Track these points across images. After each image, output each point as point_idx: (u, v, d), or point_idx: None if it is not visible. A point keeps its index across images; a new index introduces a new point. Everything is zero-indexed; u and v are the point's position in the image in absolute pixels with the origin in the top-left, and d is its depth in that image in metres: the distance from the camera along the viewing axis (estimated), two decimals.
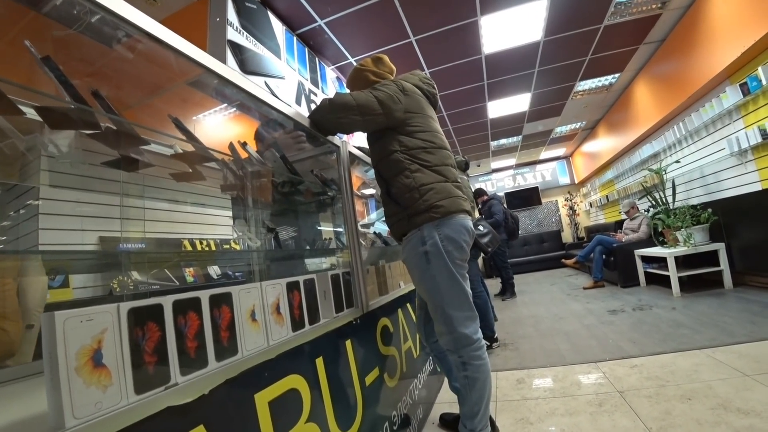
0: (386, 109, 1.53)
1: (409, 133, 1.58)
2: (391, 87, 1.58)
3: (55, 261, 2.31)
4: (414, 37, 4.12)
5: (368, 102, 1.50)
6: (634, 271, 5.30)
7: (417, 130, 1.60)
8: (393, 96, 1.55)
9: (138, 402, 0.64)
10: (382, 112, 1.53)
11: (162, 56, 0.99)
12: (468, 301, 1.56)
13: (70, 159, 0.89)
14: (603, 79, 6.07)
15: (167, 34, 0.92)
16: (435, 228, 1.51)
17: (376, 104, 1.51)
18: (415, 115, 1.61)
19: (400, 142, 1.57)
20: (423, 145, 1.59)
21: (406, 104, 1.59)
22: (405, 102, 1.59)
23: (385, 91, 1.55)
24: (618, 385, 2.22)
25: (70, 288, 2.72)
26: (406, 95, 1.61)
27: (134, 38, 0.99)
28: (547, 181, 11.29)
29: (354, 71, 1.80)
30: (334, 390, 1.18)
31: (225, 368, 0.81)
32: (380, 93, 1.54)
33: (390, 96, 1.54)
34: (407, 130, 1.58)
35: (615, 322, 3.63)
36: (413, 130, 1.59)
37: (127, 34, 1.17)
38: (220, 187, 1.42)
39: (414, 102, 1.63)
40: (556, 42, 4.67)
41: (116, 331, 0.63)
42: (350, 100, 1.49)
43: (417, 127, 1.60)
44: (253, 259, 1.55)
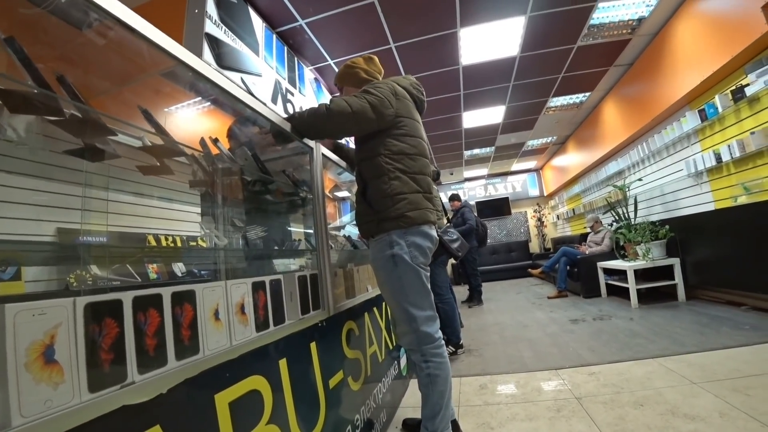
0: (378, 114, 1.56)
1: (396, 136, 1.62)
2: (383, 90, 1.60)
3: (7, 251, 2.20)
4: (394, 43, 4.16)
5: (363, 109, 1.52)
6: (597, 282, 5.50)
7: (404, 133, 1.64)
8: (385, 99, 1.58)
9: (91, 400, 0.61)
10: (375, 118, 1.55)
11: (135, 44, 0.97)
12: (430, 302, 1.65)
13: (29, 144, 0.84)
14: (574, 97, 6.29)
15: (139, 21, 0.89)
16: (403, 235, 1.57)
17: (370, 110, 1.53)
18: (403, 119, 1.65)
19: (386, 145, 1.60)
20: (407, 150, 1.63)
21: (397, 108, 1.62)
22: (396, 105, 1.62)
23: (376, 95, 1.57)
24: (576, 392, 2.29)
25: (22, 281, 2.58)
26: (398, 99, 1.64)
27: (106, 23, 0.96)
28: (517, 192, 11.56)
29: (345, 68, 1.82)
30: (297, 392, 1.17)
31: (185, 367, 0.79)
32: (373, 98, 1.55)
33: (382, 100, 1.57)
34: (395, 133, 1.62)
35: (576, 330, 3.75)
36: (400, 133, 1.63)
37: (98, 19, 1.13)
38: (188, 182, 1.39)
39: (404, 106, 1.67)
40: (531, 58, 4.81)
41: (71, 327, 0.61)
42: (346, 106, 1.50)
43: (404, 130, 1.64)
44: (220, 258, 1.52)
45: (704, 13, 3.75)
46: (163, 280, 3.20)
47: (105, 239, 2.94)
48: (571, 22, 4.15)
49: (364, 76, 1.78)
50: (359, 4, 3.47)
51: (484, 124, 7.03)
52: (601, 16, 4.11)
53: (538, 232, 11.16)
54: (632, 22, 4.29)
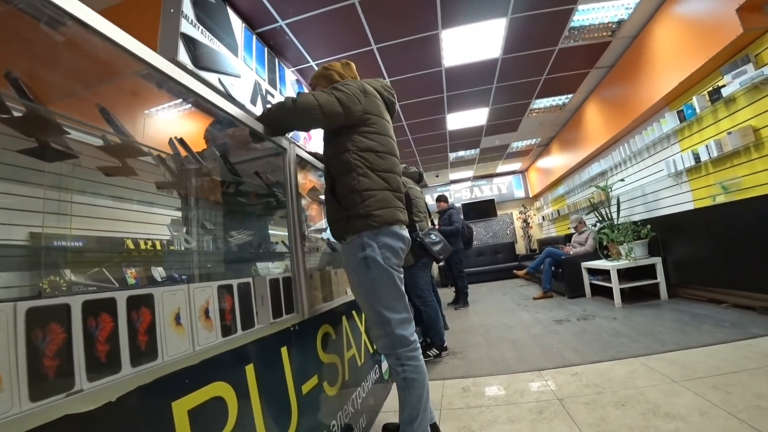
0: (346, 109, 1.56)
1: (364, 133, 1.63)
2: (351, 87, 1.62)
3: None
4: (376, 45, 4.15)
5: (329, 102, 1.52)
6: (581, 282, 5.55)
7: (372, 131, 1.64)
8: (353, 96, 1.59)
9: (32, 410, 0.58)
10: (342, 113, 1.56)
11: (97, 48, 0.94)
12: (405, 304, 1.64)
13: None
14: (557, 99, 6.36)
15: (101, 22, 0.87)
16: (374, 236, 1.56)
17: (337, 104, 1.54)
18: (372, 116, 1.66)
19: (353, 141, 1.60)
20: (375, 147, 1.63)
21: (365, 105, 1.63)
22: (364, 103, 1.63)
23: (345, 91, 1.58)
24: (558, 393, 2.30)
25: None
26: (366, 97, 1.65)
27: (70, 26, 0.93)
28: (503, 194, 11.65)
29: (321, 69, 1.84)
30: (266, 398, 1.14)
31: (140, 374, 0.76)
32: (341, 94, 1.57)
33: (350, 96, 1.58)
34: (363, 130, 1.63)
35: (560, 331, 3.77)
36: (369, 131, 1.64)
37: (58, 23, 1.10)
38: (155, 183, 1.35)
39: (373, 104, 1.68)
40: (513, 60, 4.85)
41: (10, 333, 0.57)
42: (312, 100, 1.50)
43: (372, 128, 1.65)
44: (193, 261, 1.48)
45: (682, 15, 3.82)
46: (141, 285, 3.13)
47: (80, 243, 2.86)
48: (551, 24, 4.19)
49: (337, 78, 1.80)
50: (340, 4, 3.46)
51: (469, 126, 7.06)
52: (582, 19, 4.16)
53: (524, 234, 11.25)
54: (612, 25, 4.35)
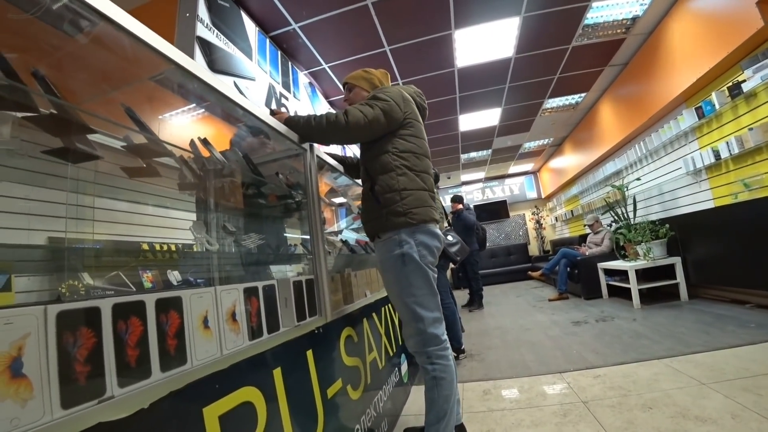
0: (390, 119, 1.62)
1: (404, 136, 1.68)
2: (392, 94, 1.67)
3: None
4: (388, 46, 4.13)
5: (376, 117, 1.58)
6: (597, 283, 5.46)
7: (411, 134, 1.70)
8: (395, 105, 1.64)
9: (64, 417, 0.56)
10: (386, 123, 1.62)
11: (125, 47, 0.93)
12: (437, 303, 1.65)
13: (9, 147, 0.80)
14: (570, 98, 6.28)
15: (131, 21, 0.86)
16: (411, 234, 1.59)
17: (382, 116, 1.60)
18: (411, 120, 1.71)
19: (393, 143, 1.66)
20: (414, 149, 1.68)
21: (405, 110, 1.69)
22: (404, 108, 1.69)
23: (387, 101, 1.63)
24: (582, 396, 2.24)
25: (13, 292, 2.52)
26: (406, 102, 1.71)
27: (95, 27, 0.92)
28: (515, 195, 11.54)
29: (361, 71, 1.90)
30: (293, 403, 1.11)
31: (170, 379, 0.74)
32: (384, 104, 1.62)
33: (392, 106, 1.63)
34: (403, 133, 1.68)
35: (579, 333, 3.70)
36: (408, 134, 1.69)
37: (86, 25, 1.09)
38: (177, 185, 1.34)
39: (411, 109, 1.74)
40: (526, 59, 4.80)
41: (41, 337, 0.56)
42: (362, 117, 1.55)
43: (411, 131, 1.70)
44: (213, 264, 1.47)
45: (699, 10, 3.74)
46: (158, 289, 3.13)
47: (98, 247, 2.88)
48: (565, 22, 4.14)
49: (377, 84, 1.87)
50: (353, 6, 3.45)
51: (481, 126, 7.01)
52: (595, 16, 4.10)
53: (537, 235, 11.13)
54: (626, 22, 4.28)
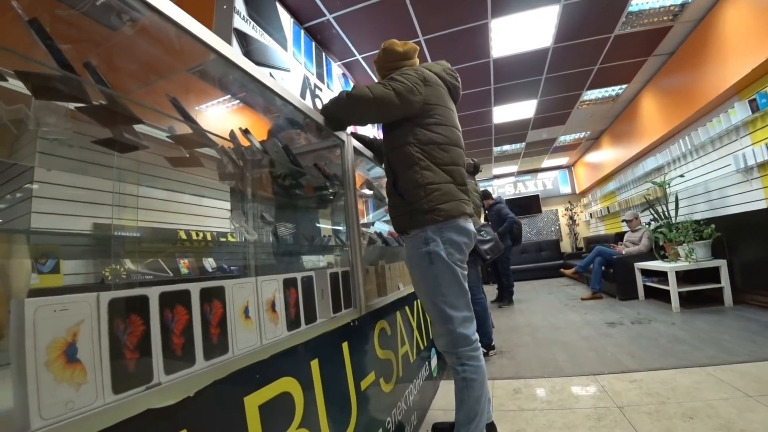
0: (403, 101, 1.49)
1: (426, 125, 1.55)
2: (410, 77, 1.53)
3: (47, 245, 2.24)
4: (423, 36, 4.07)
5: (385, 95, 1.46)
6: (633, 284, 5.25)
7: (434, 122, 1.56)
8: (412, 87, 1.50)
9: (115, 402, 0.57)
10: (400, 104, 1.49)
11: (166, 39, 0.94)
12: (467, 302, 1.57)
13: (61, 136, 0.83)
14: (610, 90, 6.03)
15: (178, 13, 0.88)
16: (438, 231, 1.51)
17: (394, 97, 1.47)
18: (434, 106, 1.57)
19: (415, 134, 1.54)
20: (437, 139, 1.55)
21: (426, 95, 1.55)
22: (425, 93, 1.54)
23: (403, 82, 1.50)
24: (617, 400, 2.16)
25: (61, 274, 2.65)
26: (427, 85, 1.56)
27: (137, 21, 0.93)
28: (547, 190, 11.25)
29: (382, 52, 1.76)
30: (329, 394, 1.12)
31: (213, 368, 0.75)
32: (398, 84, 1.49)
33: (409, 88, 1.50)
34: (424, 122, 1.55)
35: (613, 334, 3.58)
36: (431, 122, 1.56)
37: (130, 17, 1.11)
38: (218, 175, 1.36)
39: (435, 93, 1.59)
40: (565, 49, 4.63)
41: (94, 324, 0.57)
42: (368, 93, 1.45)
43: (435, 119, 1.56)
44: (249, 253, 1.49)
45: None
46: (194, 276, 3.24)
47: (138, 234, 2.99)
48: (608, 9, 3.96)
49: (398, 49, 1.72)
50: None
51: (515, 119, 6.84)
52: (641, 2, 3.90)
53: (570, 231, 10.82)
54: (674, 8, 4.05)
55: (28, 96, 0.79)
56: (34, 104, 0.80)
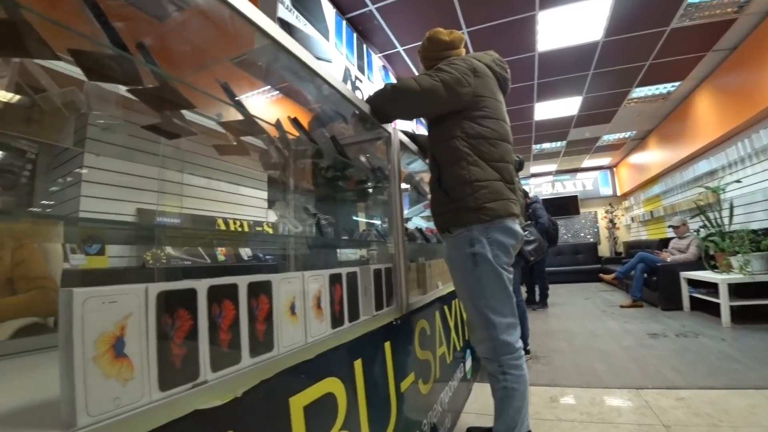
0: (452, 93, 1.40)
1: (474, 118, 1.46)
2: (459, 67, 1.44)
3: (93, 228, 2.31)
4: (467, 28, 3.95)
5: (433, 87, 1.38)
6: (678, 294, 4.96)
7: (483, 115, 1.47)
8: (461, 78, 1.41)
9: (161, 401, 0.55)
10: (448, 97, 1.40)
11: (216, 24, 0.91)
12: (512, 307, 1.48)
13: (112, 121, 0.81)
14: (661, 87, 5.70)
15: None
16: (484, 231, 1.42)
17: (441, 89, 1.38)
18: (484, 99, 1.48)
19: (462, 128, 1.45)
20: (486, 134, 1.46)
21: (475, 87, 1.45)
22: (474, 84, 1.45)
23: (452, 73, 1.41)
24: (663, 418, 2.02)
25: (106, 256, 2.75)
26: (477, 76, 1.47)
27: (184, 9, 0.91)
28: (587, 191, 10.84)
29: (426, 41, 1.68)
30: (370, 396, 1.08)
31: (259, 366, 0.72)
32: (446, 76, 1.40)
33: (457, 79, 1.41)
34: (473, 115, 1.46)
35: (656, 346, 3.39)
36: (479, 115, 1.46)
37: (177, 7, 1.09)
38: (262, 164, 1.34)
39: (484, 84, 1.49)
40: (616, 43, 4.39)
41: (142, 317, 0.54)
42: (414, 85, 1.37)
43: (484, 112, 1.47)
44: (290, 245, 1.46)
45: None
46: (230, 263, 3.29)
47: (179, 221, 3.06)
48: (665, 1, 3.71)
49: (444, 38, 1.63)
50: None
51: (558, 116, 6.60)
52: None
53: (609, 235, 10.40)
54: None
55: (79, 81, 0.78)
56: (86, 88, 0.78)
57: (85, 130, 2.51)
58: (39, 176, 2.62)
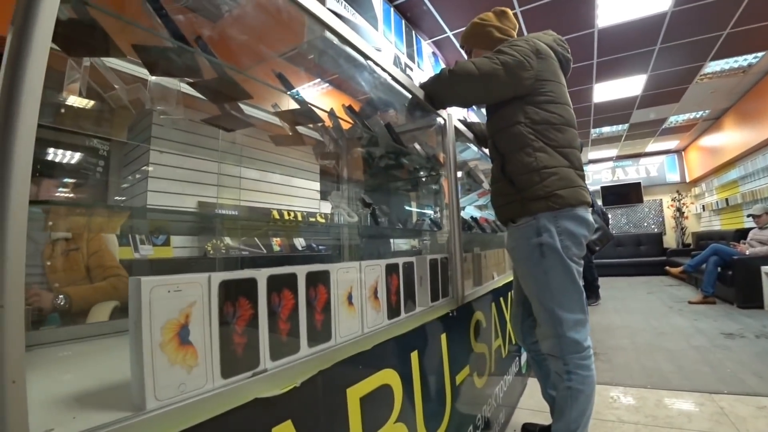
0: (514, 77, 1.32)
1: (538, 103, 1.37)
2: (521, 48, 1.35)
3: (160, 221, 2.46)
4: (519, 8, 3.76)
5: (494, 71, 1.30)
6: (758, 290, 4.53)
7: (547, 100, 1.38)
8: (523, 60, 1.32)
9: (223, 388, 0.56)
10: (510, 81, 1.32)
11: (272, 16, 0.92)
12: (581, 302, 1.38)
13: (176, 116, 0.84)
14: (740, 59, 5.14)
15: None
16: (553, 219, 1.32)
17: (503, 73, 1.30)
18: (547, 82, 1.38)
19: (526, 113, 1.36)
20: (552, 119, 1.37)
21: (538, 69, 1.36)
22: (537, 67, 1.36)
23: (513, 55, 1.33)
24: (741, 427, 1.84)
25: (171, 247, 2.92)
26: (540, 58, 1.38)
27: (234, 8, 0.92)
28: (651, 177, 10.10)
29: (473, 26, 1.60)
30: (425, 388, 1.06)
31: (317, 356, 0.72)
32: (507, 58, 1.32)
33: (520, 61, 1.32)
34: (536, 99, 1.37)
35: (733, 348, 3.10)
36: (543, 100, 1.37)
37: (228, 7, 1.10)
38: (316, 154, 1.34)
39: (548, 66, 1.40)
40: (687, 12, 3.99)
41: (206, 306, 0.55)
42: (473, 69, 1.30)
43: (548, 96, 1.38)
44: (343, 234, 1.46)
45: None
46: (285, 253, 3.40)
47: (236, 212, 3.19)
48: None
49: (497, 35, 1.53)
50: None
51: (619, 97, 6.16)
52: None
53: (677, 225, 9.65)
54: None
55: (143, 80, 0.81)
56: (150, 85, 0.81)
57: (150, 128, 2.67)
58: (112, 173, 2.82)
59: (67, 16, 0.55)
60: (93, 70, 0.84)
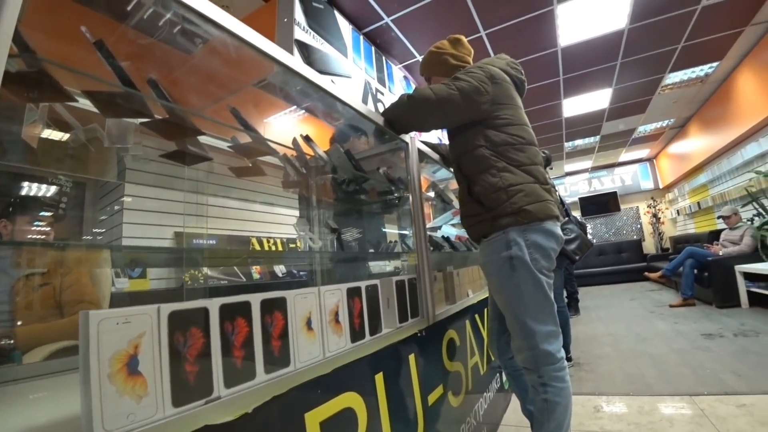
0: (470, 102, 1.37)
1: (497, 126, 1.41)
2: (476, 75, 1.41)
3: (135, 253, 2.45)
4: (484, 31, 3.92)
5: (450, 96, 1.35)
6: (734, 289, 4.65)
7: (505, 123, 1.42)
8: (479, 86, 1.37)
9: (175, 416, 0.57)
10: (466, 107, 1.37)
11: (233, 57, 0.97)
12: (553, 314, 1.40)
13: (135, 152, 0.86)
14: (698, 70, 5.41)
15: (247, 31, 0.92)
16: (522, 233, 1.35)
17: (459, 98, 1.35)
18: (503, 106, 1.43)
19: (486, 136, 1.40)
20: (511, 140, 1.41)
21: (494, 94, 1.41)
22: (492, 92, 1.41)
23: (469, 81, 1.38)
24: (722, 427, 1.88)
25: (147, 279, 2.89)
26: (495, 83, 1.42)
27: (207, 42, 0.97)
28: (626, 186, 10.38)
29: (430, 55, 1.65)
30: (394, 410, 1.06)
31: (274, 382, 0.73)
32: (463, 84, 1.37)
33: (476, 87, 1.37)
34: (495, 123, 1.41)
35: (712, 348, 3.17)
36: (502, 123, 1.42)
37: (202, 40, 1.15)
38: (282, 183, 1.37)
39: (503, 91, 1.45)
40: (643, 29, 4.21)
41: (155, 336, 0.57)
42: (430, 95, 1.35)
43: (505, 119, 1.42)
44: (315, 260, 1.48)
45: None
46: (265, 281, 3.37)
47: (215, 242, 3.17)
48: None
49: (452, 62, 1.59)
50: None
51: (588, 111, 6.39)
52: None
53: (654, 230, 9.89)
54: None
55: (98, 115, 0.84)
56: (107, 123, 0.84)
57: (123, 161, 2.67)
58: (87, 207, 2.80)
59: (16, 69, 0.58)
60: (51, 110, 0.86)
